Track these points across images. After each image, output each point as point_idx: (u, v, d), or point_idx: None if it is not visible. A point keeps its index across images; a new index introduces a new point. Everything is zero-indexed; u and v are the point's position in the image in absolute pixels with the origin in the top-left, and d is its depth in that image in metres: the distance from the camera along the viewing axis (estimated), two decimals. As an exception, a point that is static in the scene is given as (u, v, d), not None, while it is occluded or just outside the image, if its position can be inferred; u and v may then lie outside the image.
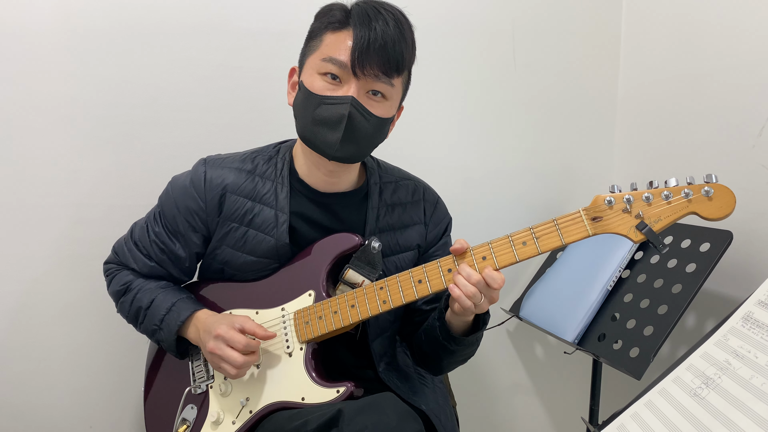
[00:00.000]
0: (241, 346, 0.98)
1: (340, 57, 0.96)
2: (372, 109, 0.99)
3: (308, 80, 1.00)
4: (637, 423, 0.87)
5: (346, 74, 0.97)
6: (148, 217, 1.15)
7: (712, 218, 0.86)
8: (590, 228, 0.90)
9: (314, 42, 1.01)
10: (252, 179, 1.09)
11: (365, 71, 0.96)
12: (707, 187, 0.86)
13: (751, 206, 1.31)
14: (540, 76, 1.72)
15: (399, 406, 0.90)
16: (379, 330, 1.14)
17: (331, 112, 0.97)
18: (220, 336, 0.99)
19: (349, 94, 0.97)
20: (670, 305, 1.19)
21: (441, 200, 1.23)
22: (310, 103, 0.99)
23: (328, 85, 0.98)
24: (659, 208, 0.88)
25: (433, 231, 1.19)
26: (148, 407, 1.18)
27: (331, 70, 0.97)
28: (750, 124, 1.33)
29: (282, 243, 1.07)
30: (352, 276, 1.06)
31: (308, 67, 1.01)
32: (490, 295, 0.94)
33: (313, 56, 1.00)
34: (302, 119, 1.02)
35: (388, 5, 1.00)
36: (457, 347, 1.04)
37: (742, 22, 1.35)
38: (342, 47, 0.97)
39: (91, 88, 1.39)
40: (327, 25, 0.99)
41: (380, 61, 0.96)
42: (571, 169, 1.78)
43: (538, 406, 1.86)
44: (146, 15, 1.40)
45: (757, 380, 0.79)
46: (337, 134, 0.97)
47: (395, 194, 1.16)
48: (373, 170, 1.17)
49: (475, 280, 0.91)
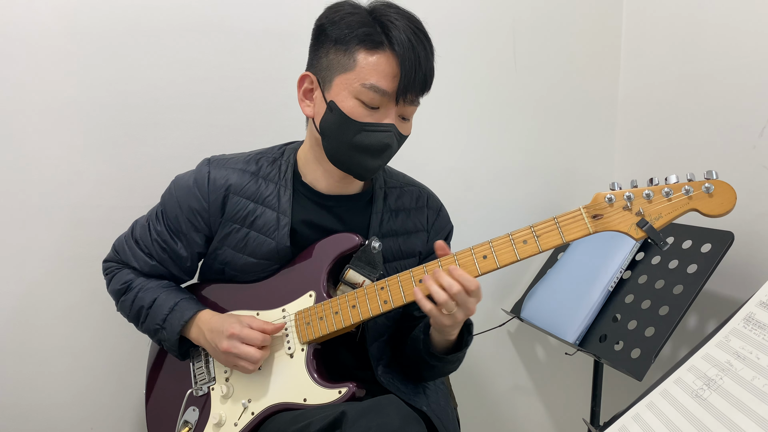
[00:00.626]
0: (258, 342, 1.00)
1: (383, 86, 0.95)
2: (402, 130, 1.01)
3: (343, 103, 0.96)
4: (638, 424, 0.87)
5: (387, 102, 0.97)
6: (150, 216, 1.15)
7: (712, 215, 0.86)
8: (591, 226, 0.90)
9: (343, 58, 0.96)
10: (255, 181, 1.09)
11: (406, 99, 0.97)
12: (708, 184, 0.85)
13: (753, 207, 1.31)
14: (541, 77, 1.72)
15: (402, 409, 0.90)
16: (377, 334, 1.14)
17: (373, 140, 0.97)
18: (235, 335, 1.00)
19: (391, 122, 0.97)
20: (671, 306, 1.19)
21: (444, 208, 1.23)
22: (347, 128, 0.97)
23: (365, 112, 0.96)
24: (660, 205, 0.88)
25: (434, 238, 1.18)
26: (149, 410, 1.18)
27: (374, 98, 0.95)
28: (751, 125, 1.33)
29: (282, 246, 1.07)
30: (353, 276, 1.05)
31: (341, 86, 0.97)
32: (465, 304, 0.91)
33: (346, 76, 0.96)
34: (336, 142, 1.00)
35: (414, 20, 0.98)
36: (437, 363, 1.05)
37: (743, 23, 1.35)
38: (383, 74, 0.94)
39: (92, 89, 1.39)
40: (359, 42, 0.94)
41: (420, 89, 0.98)
42: (571, 170, 1.78)
43: (539, 407, 1.85)
44: (147, 16, 1.40)
45: (759, 381, 0.78)
46: (379, 162, 1.00)
47: (400, 200, 1.16)
48: (379, 175, 1.17)
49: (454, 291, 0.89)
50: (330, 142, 1.01)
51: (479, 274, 0.94)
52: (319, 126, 1.02)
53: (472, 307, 0.93)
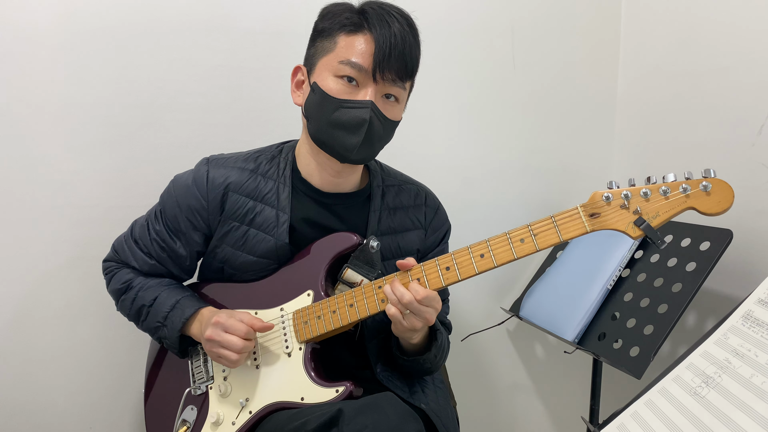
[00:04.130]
0: (241, 333, 0.99)
1: (359, 61, 0.97)
2: (386, 113, 1.01)
3: (323, 82, 0.99)
4: (637, 422, 0.87)
5: (364, 78, 0.98)
6: (149, 215, 1.15)
7: (710, 213, 0.85)
8: (588, 224, 0.90)
9: (326, 43, 1.01)
10: (254, 178, 1.09)
11: (384, 76, 0.97)
12: (705, 182, 0.85)
13: (751, 205, 1.31)
14: (539, 75, 1.72)
15: (399, 406, 0.90)
16: (375, 332, 1.14)
17: (350, 116, 0.98)
18: (219, 323, 1.00)
19: (368, 99, 0.97)
20: (670, 304, 1.19)
21: (442, 207, 1.23)
22: (327, 106, 0.99)
23: (345, 88, 0.98)
24: (657, 204, 0.87)
25: (432, 236, 1.19)
26: (148, 409, 1.18)
27: (349, 73, 0.97)
28: (749, 123, 1.32)
29: (281, 243, 1.07)
30: (351, 275, 1.05)
31: (322, 68, 1.01)
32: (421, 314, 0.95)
33: (327, 57, 1.00)
34: (317, 121, 1.01)
35: (398, 9, 1.01)
36: (405, 362, 1.08)
37: (742, 20, 1.34)
38: (360, 50, 0.97)
39: (90, 88, 1.38)
40: (340, 27, 0.99)
41: (399, 66, 0.98)
42: (570, 168, 1.78)
43: (538, 405, 1.86)
44: (146, 15, 1.40)
45: (757, 379, 0.78)
46: (357, 138, 0.99)
47: (397, 197, 1.16)
48: (376, 173, 1.17)
49: (406, 301, 0.93)
50: (313, 124, 1.03)
51: (477, 272, 0.94)
52: (304, 109, 1.05)
53: (428, 316, 0.95)
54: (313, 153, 1.08)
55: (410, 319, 0.95)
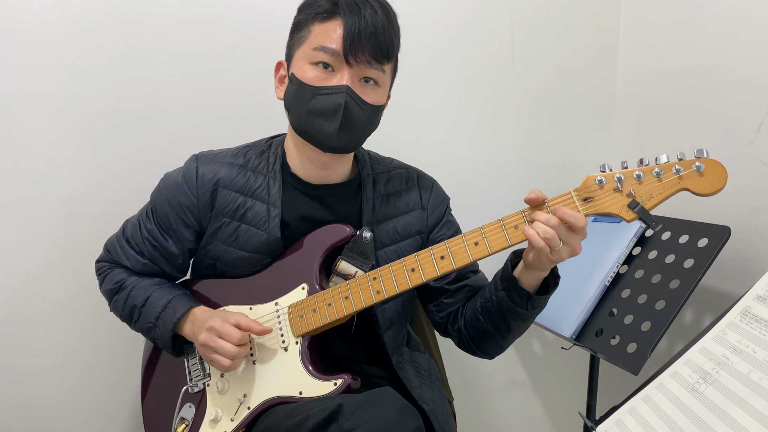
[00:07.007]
0: (235, 339, 0.98)
1: (331, 45, 0.96)
2: (365, 97, 0.99)
3: (299, 72, 0.99)
4: (634, 418, 0.87)
5: (339, 63, 0.97)
6: (140, 215, 1.14)
7: (704, 193, 0.84)
8: (582, 208, 0.89)
9: (302, 33, 1.00)
10: (244, 174, 1.08)
11: (358, 58, 0.96)
12: (698, 163, 0.84)
13: (749, 201, 1.31)
14: (538, 71, 1.71)
15: (398, 401, 0.90)
16: (389, 321, 1.13)
17: (326, 103, 0.97)
18: (213, 328, 0.99)
19: (343, 83, 0.96)
20: (667, 301, 1.19)
21: (437, 183, 1.22)
22: (303, 94, 0.98)
23: (320, 75, 0.97)
24: (651, 186, 0.87)
25: (434, 214, 1.18)
26: (145, 408, 1.17)
27: (323, 59, 0.97)
28: (748, 120, 1.32)
29: (273, 237, 1.06)
30: (345, 267, 1.05)
31: (298, 58, 1.00)
32: (570, 241, 0.89)
33: (302, 47, 1.00)
34: (296, 112, 1.01)
35: None
36: (532, 311, 1.01)
37: (741, 18, 1.34)
38: (332, 36, 0.96)
39: (86, 82, 1.38)
40: (314, 16, 0.98)
41: (372, 47, 0.96)
42: (568, 165, 1.78)
43: (535, 401, 1.86)
44: (141, 9, 1.39)
45: (755, 375, 0.78)
46: (334, 124, 0.97)
47: (389, 184, 1.15)
48: (365, 162, 1.16)
49: (554, 224, 0.88)
50: (293, 115, 1.02)
51: (471, 261, 0.94)
52: (285, 101, 1.04)
53: (576, 243, 0.90)
54: (299, 147, 1.07)
55: (561, 250, 0.89)
